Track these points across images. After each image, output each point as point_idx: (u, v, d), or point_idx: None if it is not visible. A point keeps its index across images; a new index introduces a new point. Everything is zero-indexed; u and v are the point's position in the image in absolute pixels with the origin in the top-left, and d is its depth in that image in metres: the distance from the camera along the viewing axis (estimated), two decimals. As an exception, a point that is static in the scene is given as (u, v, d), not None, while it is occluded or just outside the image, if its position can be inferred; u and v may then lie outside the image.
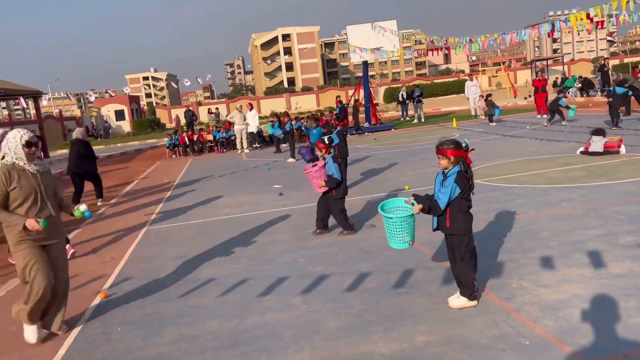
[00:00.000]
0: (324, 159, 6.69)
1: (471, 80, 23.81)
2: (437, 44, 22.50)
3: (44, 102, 43.75)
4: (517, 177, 9.06)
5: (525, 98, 31.10)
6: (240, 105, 20.50)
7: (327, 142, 6.69)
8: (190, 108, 23.15)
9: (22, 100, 24.07)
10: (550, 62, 41.83)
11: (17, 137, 4.27)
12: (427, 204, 4.10)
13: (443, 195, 4.03)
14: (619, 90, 14.89)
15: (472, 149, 4.16)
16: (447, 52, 23.20)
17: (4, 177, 4.17)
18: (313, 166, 6.98)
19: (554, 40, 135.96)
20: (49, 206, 4.35)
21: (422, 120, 24.26)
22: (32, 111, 28.93)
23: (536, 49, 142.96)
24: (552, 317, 3.81)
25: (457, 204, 4.06)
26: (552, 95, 19.70)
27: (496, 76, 50.95)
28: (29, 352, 4.24)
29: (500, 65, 49.75)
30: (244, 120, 19.54)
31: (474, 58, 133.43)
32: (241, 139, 19.78)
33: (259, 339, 3.99)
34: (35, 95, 25.48)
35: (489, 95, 19.99)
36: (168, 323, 4.47)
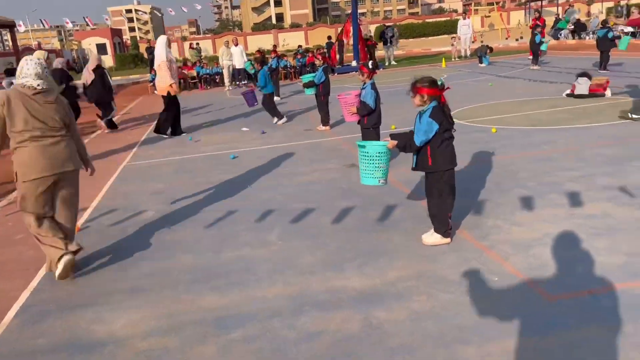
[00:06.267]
0: (364, 83, 6.41)
1: (464, 19, 23.17)
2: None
3: (22, 30, 41.97)
4: (502, 118, 8.99)
5: (517, 40, 30.55)
6: (227, 41, 19.81)
7: (370, 67, 6.42)
8: (153, 45, 22.15)
9: None
10: (545, 2, 40.71)
11: None
12: (404, 141, 4.02)
13: (418, 132, 3.94)
14: (600, 33, 14.57)
15: (448, 87, 4.04)
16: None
17: None
18: (347, 94, 6.86)
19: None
20: None
21: (392, 62, 23.65)
22: (10, 43, 27.80)
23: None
24: (523, 254, 3.86)
25: (438, 140, 3.93)
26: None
27: (489, 16, 49.75)
28: (3, 285, 4.22)
29: (493, 5, 48.46)
30: (229, 56, 18.99)
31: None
32: (228, 75, 19.35)
33: (232, 273, 4.00)
34: (10, 25, 24.46)
35: (488, 47, 19.65)
36: (143, 257, 4.47)
